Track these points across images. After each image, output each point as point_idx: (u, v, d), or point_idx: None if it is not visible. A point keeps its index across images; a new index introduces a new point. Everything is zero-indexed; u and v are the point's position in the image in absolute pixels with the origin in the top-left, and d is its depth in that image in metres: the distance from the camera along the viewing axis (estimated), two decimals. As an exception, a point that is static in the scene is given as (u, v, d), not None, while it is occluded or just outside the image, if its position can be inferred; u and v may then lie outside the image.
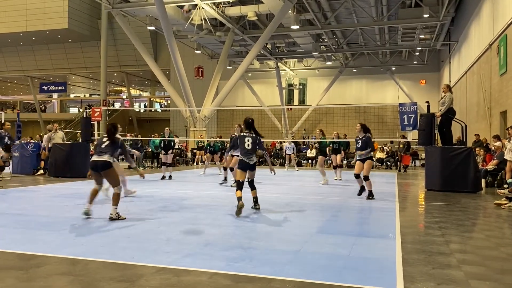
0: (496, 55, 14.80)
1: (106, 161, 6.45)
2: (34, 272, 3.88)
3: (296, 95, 36.83)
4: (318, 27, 22.76)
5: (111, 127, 6.76)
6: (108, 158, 6.47)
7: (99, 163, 6.45)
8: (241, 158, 7.06)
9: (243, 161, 7.03)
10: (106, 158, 6.46)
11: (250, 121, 7.17)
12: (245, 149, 7.00)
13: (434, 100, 24.35)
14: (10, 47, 39.60)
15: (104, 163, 6.44)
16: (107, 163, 6.45)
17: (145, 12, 21.99)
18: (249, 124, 7.12)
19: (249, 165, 7.03)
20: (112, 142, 6.61)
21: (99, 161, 6.45)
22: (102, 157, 6.47)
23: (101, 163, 6.44)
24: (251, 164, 7.04)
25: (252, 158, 7.05)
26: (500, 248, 4.99)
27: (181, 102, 23.03)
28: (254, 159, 7.09)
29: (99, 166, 6.45)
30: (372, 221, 6.81)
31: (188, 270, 3.96)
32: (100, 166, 6.45)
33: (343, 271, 4.00)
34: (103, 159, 6.45)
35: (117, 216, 6.44)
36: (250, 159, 7.01)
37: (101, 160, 6.45)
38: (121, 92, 54.33)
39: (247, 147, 6.99)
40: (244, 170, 7.06)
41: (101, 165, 6.45)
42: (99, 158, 6.47)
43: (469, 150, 10.68)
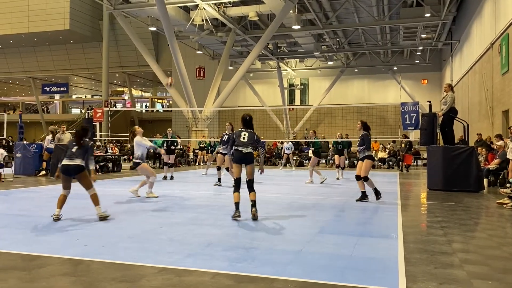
0: (498, 54, 14.76)
1: (78, 165, 6.45)
2: (36, 273, 3.89)
3: (297, 95, 36.82)
4: (319, 27, 22.76)
5: (81, 130, 6.77)
6: (80, 162, 6.47)
7: (71, 167, 6.45)
8: (235, 148, 6.65)
9: (237, 150, 6.60)
10: (78, 162, 6.46)
11: (247, 118, 6.87)
12: (241, 141, 6.65)
13: (436, 99, 24.32)
14: (12, 48, 39.71)
15: (76, 167, 6.45)
16: (79, 167, 6.47)
17: (147, 13, 22.02)
18: (246, 122, 6.85)
19: (243, 156, 6.56)
20: (82, 146, 6.58)
21: (71, 165, 6.45)
22: (74, 161, 6.46)
23: (73, 167, 6.45)
24: (244, 152, 6.55)
25: (247, 147, 6.61)
26: (502, 247, 4.97)
27: (182, 103, 23.05)
28: (250, 149, 6.62)
29: (72, 170, 6.46)
30: (374, 221, 6.80)
31: (190, 270, 3.96)
32: (72, 170, 6.46)
33: (345, 271, 4.00)
34: (75, 163, 6.45)
35: (104, 215, 6.52)
36: (244, 148, 6.59)
37: (72, 164, 6.45)
38: (123, 92, 54.41)
39: (243, 140, 6.65)
40: (240, 163, 6.61)
41: (73, 169, 6.45)
42: (70, 162, 6.46)
43: (471, 149, 10.66)
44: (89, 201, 7.33)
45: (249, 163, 6.60)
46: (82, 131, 6.74)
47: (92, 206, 6.61)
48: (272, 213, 7.37)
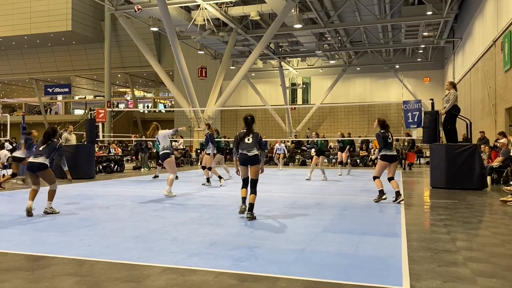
0: (501, 52, 14.72)
1: (41, 163, 6.83)
2: (40, 273, 3.91)
3: (299, 94, 36.80)
4: (321, 25, 22.74)
5: (50, 130, 7.13)
6: (43, 160, 6.85)
7: (34, 164, 6.84)
8: (240, 152, 6.77)
9: (243, 154, 6.72)
10: (42, 160, 6.84)
11: (249, 118, 6.88)
12: (245, 144, 6.75)
13: (438, 97, 24.26)
14: (15, 50, 39.85)
15: (39, 164, 6.82)
16: (42, 165, 6.84)
17: (148, 13, 22.04)
18: (247, 122, 6.87)
19: (248, 158, 6.66)
20: (48, 145, 6.97)
21: (35, 163, 6.84)
22: (38, 159, 6.85)
23: (36, 165, 6.83)
24: (249, 155, 6.65)
25: (252, 150, 6.70)
26: (506, 245, 4.96)
27: (185, 103, 23.06)
28: (255, 151, 6.71)
29: (35, 167, 6.83)
30: (377, 219, 6.80)
31: (194, 269, 3.97)
32: (35, 168, 6.83)
33: (349, 270, 4.00)
34: (39, 161, 6.84)
35: (52, 211, 6.95)
36: (249, 151, 6.68)
37: (36, 162, 6.84)
38: (125, 93, 54.53)
39: (247, 142, 6.75)
40: (245, 165, 6.71)
41: (37, 166, 6.83)
42: (34, 160, 6.87)
43: (474, 147, 10.64)
44: (93, 202, 7.40)
45: (253, 164, 6.67)
46: (51, 131, 7.12)
47: (96, 206, 6.65)
48: (275, 212, 7.38)
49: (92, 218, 6.64)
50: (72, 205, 8.00)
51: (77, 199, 8.96)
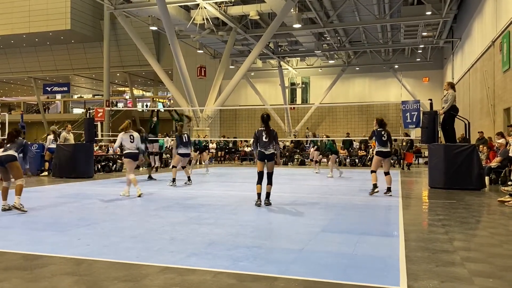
0: (499, 52, 14.75)
1: (9, 154, 7.01)
2: (39, 272, 3.91)
3: (299, 94, 36.80)
4: (320, 25, 22.75)
5: (14, 131, 7.38)
6: (12, 153, 7.03)
7: (2, 157, 6.98)
8: (259, 150, 7.82)
9: (261, 151, 7.79)
10: (11, 153, 7.02)
11: (265, 116, 7.86)
12: (263, 142, 7.76)
13: (437, 97, 24.25)
14: (13, 49, 39.76)
15: (7, 156, 6.98)
16: (10, 156, 7.00)
17: (147, 13, 22.02)
18: (264, 120, 7.82)
19: (265, 155, 7.76)
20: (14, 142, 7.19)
21: (2, 156, 6.99)
22: (7, 152, 7.03)
23: (4, 157, 6.98)
24: (266, 153, 7.75)
25: (269, 149, 7.77)
26: (504, 245, 4.98)
27: (184, 102, 23.05)
28: (271, 150, 7.79)
29: (3, 160, 6.97)
30: (375, 219, 6.81)
31: (193, 269, 3.98)
32: (4, 160, 6.97)
33: (347, 269, 4.01)
34: (7, 153, 7.01)
35: (20, 206, 6.96)
36: (266, 150, 7.76)
37: (4, 155, 7.00)
38: (124, 92, 54.47)
39: (265, 140, 7.76)
40: (262, 161, 7.80)
41: (5, 158, 6.97)
42: (2, 153, 7.02)
43: (473, 147, 10.65)
44: (91, 201, 7.40)
45: (270, 161, 7.82)
46: (15, 132, 7.35)
47: (94, 205, 6.66)
48: (274, 211, 7.39)
49: (90, 218, 6.64)
50: (70, 204, 8.00)
51: (75, 198, 8.95)
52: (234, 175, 15.27)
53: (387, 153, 9.34)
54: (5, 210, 6.99)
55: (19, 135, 7.40)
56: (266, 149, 7.76)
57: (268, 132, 7.77)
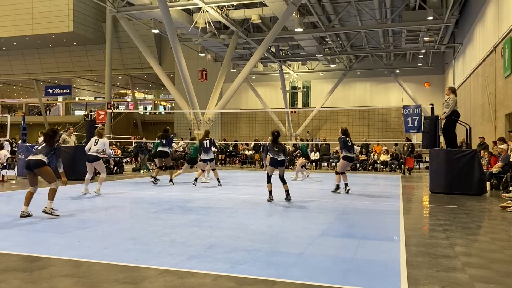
0: (501, 58, 14.75)
1: (38, 159, 6.72)
2: (38, 274, 3.90)
3: (300, 97, 36.83)
4: (322, 29, 22.78)
5: (50, 132, 7.16)
6: (41, 157, 6.74)
7: (31, 161, 6.72)
8: (272, 156, 9.00)
9: (273, 158, 8.99)
10: (39, 157, 6.74)
11: (275, 134, 9.26)
12: (274, 151, 9.03)
13: (438, 102, 24.31)
14: (16, 51, 39.89)
15: (36, 161, 6.70)
16: (39, 161, 6.71)
17: (150, 16, 22.08)
18: (275, 137, 9.18)
19: (278, 161, 8.99)
20: (48, 144, 6.96)
21: (32, 160, 6.73)
22: (36, 156, 6.76)
23: (33, 162, 6.70)
24: (278, 160, 8.96)
25: (280, 155, 8.99)
26: (505, 251, 4.96)
27: (185, 105, 23.08)
28: (282, 157, 9.04)
29: (32, 164, 6.71)
30: (376, 223, 6.79)
31: (192, 272, 3.97)
32: (32, 165, 6.70)
33: (347, 274, 4.00)
34: (36, 157, 6.74)
35: (51, 212, 6.77)
36: (279, 157, 8.97)
37: (33, 159, 6.72)
38: (126, 95, 54.56)
39: (276, 149, 9.06)
40: (275, 167, 9.05)
41: (34, 163, 6.70)
42: (32, 157, 6.78)
43: (474, 152, 10.64)
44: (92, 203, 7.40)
45: (282, 166, 9.12)
46: (51, 133, 7.12)
47: (95, 207, 6.66)
48: (274, 214, 7.38)
49: (91, 220, 6.63)
50: (71, 206, 8.00)
51: (76, 200, 8.95)
52: (234, 179, 15.25)
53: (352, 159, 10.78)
54: (24, 217, 6.65)
55: (55, 137, 7.13)
56: (279, 156, 8.96)
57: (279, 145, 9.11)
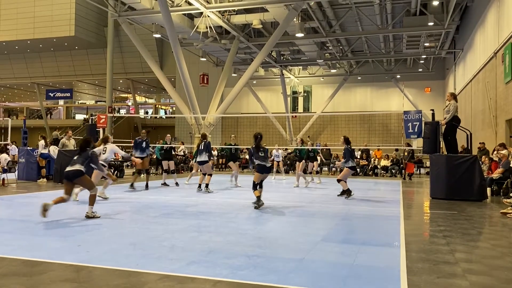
0: (501, 63, 14.77)
1: (77, 170, 7.04)
2: (38, 279, 3.90)
3: (300, 102, 36.86)
4: (322, 35, 22.84)
5: (83, 142, 7.53)
6: (79, 167, 7.06)
7: (70, 172, 7.03)
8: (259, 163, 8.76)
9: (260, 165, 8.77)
10: (77, 167, 7.05)
11: (259, 136, 9.01)
12: (260, 157, 8.80)
13: (439, 108, 24.30)
14: (18, 54, 39.99)
15: (75, 172, 7.02)
16: (78, 172, 7.04)
17: (151, 20, 22.15)
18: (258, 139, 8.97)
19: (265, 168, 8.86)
20: (82, 154, 7.26)
21: (71, 171, 7.03)
22: (74, 166, 7.07)
23: (72, 172, 7.02)
24: (267, 166, 8.88)
25: (268, 161, 8.90)
26: (506, 257, 4.95)
27: (186, 109, 23.10)
28: (270, 163, 9.06)
29: (71, 175, 7.02)
30: (376, 229, 6.78)
31: (192, 277, 3.96)
32: (72, 175, 7.02)
33: (347, 280, 3.99)
34: (74, 168, 7.05)
35: (93, 215, 7.10)
36: (266, 163, 8.86)
37: (72, 170, 7.04)
38: (127, 99, 54.64)
39: (261, 155, 8.82)
40: (262, 173, 8.84)
41: (73, 174, 7.02)
42: (70, 168, 7.07)
43: (474, 158, 10.63)
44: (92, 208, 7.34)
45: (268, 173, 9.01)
46: (84, 143, 7.46)
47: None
48: (274, 220, 7.37)
49: (90, 224, 6.63)
50: (70, 210, 7.99)
51: (76, 204, 8.94)
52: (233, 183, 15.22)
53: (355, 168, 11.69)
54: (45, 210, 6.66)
55: (88, 146, 7.42)
56: (266, 162, 8.82)
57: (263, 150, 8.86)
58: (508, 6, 14.12)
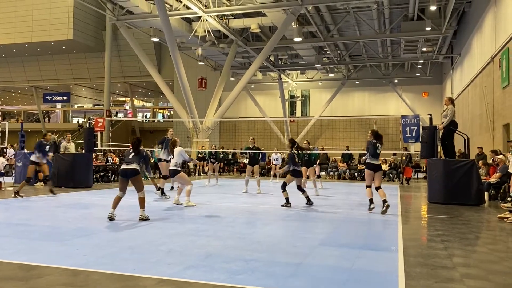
0: (498, 68, 14.83)
1: (134, 169, 7.37)
2: (35, 283, 3.87)
3: (298, 106, 36.91)
4: (320, 39, 22.90)
5: (135, 140, 7.74)
6: (136, 166, 7.38)
7: (128, 170, 7.36)
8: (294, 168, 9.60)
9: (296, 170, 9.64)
10: (134, 166, 7.37)
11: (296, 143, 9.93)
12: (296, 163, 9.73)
13: (436, 112, 24.34)
14: (15, 58, 39.93)
15: (133, 170, 7.35)
16: (135, 170, 7.37)
17: (149, 24, 22.18)
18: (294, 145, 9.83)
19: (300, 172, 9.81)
20: (137, 153, 7.52)
21: (128, 169, 7.36)
22: (131, 165, 7.37)
23: (130, 171, 7.36)
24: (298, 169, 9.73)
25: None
26: (503, 262, 4.95)
27: (184, 113, 23.10)
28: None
29: (129, 173, 7.36)
30: (374, 233, 6.78)
31: (189, 282, 3.95)
32: (129, 173, 7.36)
33: (346, 284, 3.98)
34: (132, 167, 7.36)
35: (146, 217, 7.36)
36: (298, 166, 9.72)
37: (130, 168, 7.36)
38: (125, 102, 54.59)
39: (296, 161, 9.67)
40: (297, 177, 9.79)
41: (130, 172, 7.36)
42: (128, 167, 7.39)
43: (472, 162, 10.66)
44: (89, 211, 7.36)
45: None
46: (137, 142, 7.67)
47: (92, 215, 6.68)
48: (272, 224, 7.36)
49: (88, 228, 6.60)
50: (68, 214, 7.96)
51: (74, 208, 8.91)
52: (232, 187, 15.22)
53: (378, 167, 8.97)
54: (111, 220, 7.16)
55: (140, 145, 7.65)
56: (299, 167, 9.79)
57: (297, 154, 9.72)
58: (505, 11, 14.20)
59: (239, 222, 7.50)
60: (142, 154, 7.55)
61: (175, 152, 9.70)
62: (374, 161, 8.87)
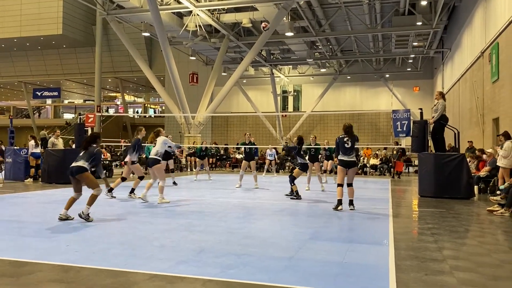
0: (488, 63, 14.95)
1: (80, 166, 6.77)
2: (25, 279, 3.85)
3: (290, 101, 36.93)
4: (312, 34, 22.89)
5: (88, 136, 7.32)
6: (82, 164, 6.79)
7: (73, 168, 6.78)
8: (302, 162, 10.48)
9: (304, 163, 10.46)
10: (81, 164, 6.79)
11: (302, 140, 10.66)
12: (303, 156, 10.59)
13: (427, 107, 24.49)
14: (4, 53, 39.43)
15: (78, 168, 6.76)
16: (81, 168, 6.77)
17: (140, 19, 22.00)
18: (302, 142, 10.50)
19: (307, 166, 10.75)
20: (87, 150, 6.96)
21: (74, 167, 6.78)
22: (77, 162, 6.82)
23: (75, 168, 6.77)
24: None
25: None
26: (492, 254, 5.01)
27: (175, 108, 23.00)
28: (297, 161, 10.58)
29: (74, 171, 6.76)
30: (365, 227, 6.82)
31: (182, 277, 3.95)
32: (75, 171, 6.76)
33: (337, 278, 4.01)
34: (78, 164, 6.79)
35: (85, 218, 6.78)
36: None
37: (75, 166, 6.79)
38: (116, 98, 54.22)
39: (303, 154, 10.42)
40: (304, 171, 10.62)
41: (76, 169, 6.76)
42: (74, 164, 6.85)
43: (462, 156, 10.76)
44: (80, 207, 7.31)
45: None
46: (90, 138, 7.17)
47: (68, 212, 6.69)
48: (264, 219, 7.38)
49: (79, 224, 6.57)
50: (59, 210, 7.90)
51: (64, 204, 8.84)
52: (224, 182, 15.23)
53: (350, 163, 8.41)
54: (62, 220, 6.74)
55: (94, 142, 7.09)
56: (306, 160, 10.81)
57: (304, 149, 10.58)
58: (495, 6, 14.30)
59: (231, 217, 7.50)
60: (92, 151, 6.90)
61: (158, 141, 9.41)
62: (345, 157, 8.40)
